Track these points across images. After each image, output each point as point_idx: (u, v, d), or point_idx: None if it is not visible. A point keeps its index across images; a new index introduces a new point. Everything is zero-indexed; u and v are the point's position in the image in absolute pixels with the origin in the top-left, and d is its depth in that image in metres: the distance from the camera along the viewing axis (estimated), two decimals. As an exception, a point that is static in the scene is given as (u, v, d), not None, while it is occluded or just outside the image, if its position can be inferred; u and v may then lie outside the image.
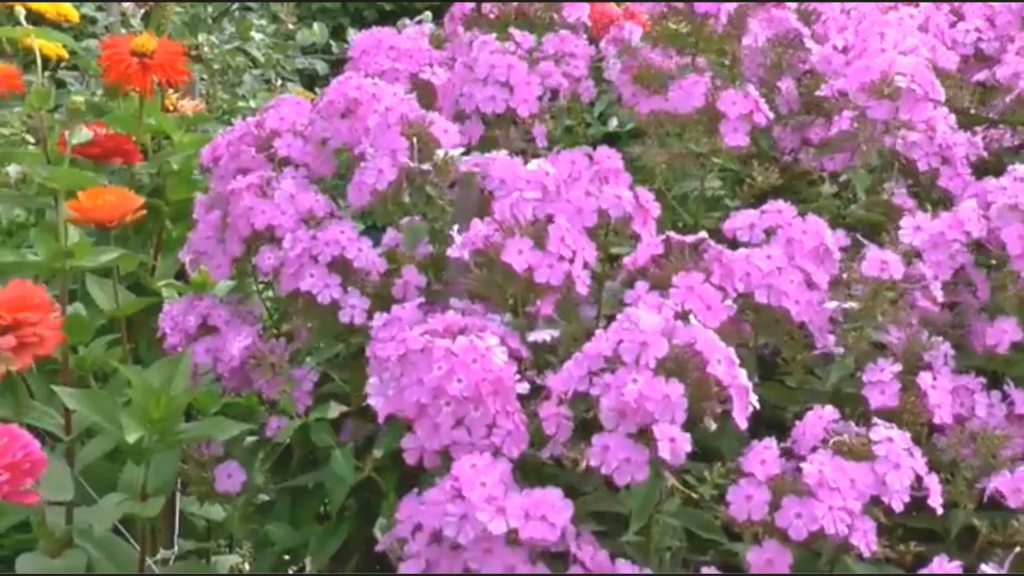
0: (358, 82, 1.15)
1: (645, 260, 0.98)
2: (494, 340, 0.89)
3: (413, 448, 0.90)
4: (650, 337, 0.83)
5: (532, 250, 0.93)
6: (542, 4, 1.39)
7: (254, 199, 1.11)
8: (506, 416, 0.88)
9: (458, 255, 0.96)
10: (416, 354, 0.89)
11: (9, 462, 0.84)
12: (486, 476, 0.84)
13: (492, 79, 1.22)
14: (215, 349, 1.14)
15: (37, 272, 1.30)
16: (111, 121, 1.47)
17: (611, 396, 0.83)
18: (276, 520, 1.11)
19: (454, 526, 0.83)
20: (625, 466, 0.82)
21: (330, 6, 3.58)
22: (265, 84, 2.25)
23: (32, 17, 1.57)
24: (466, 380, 0.87)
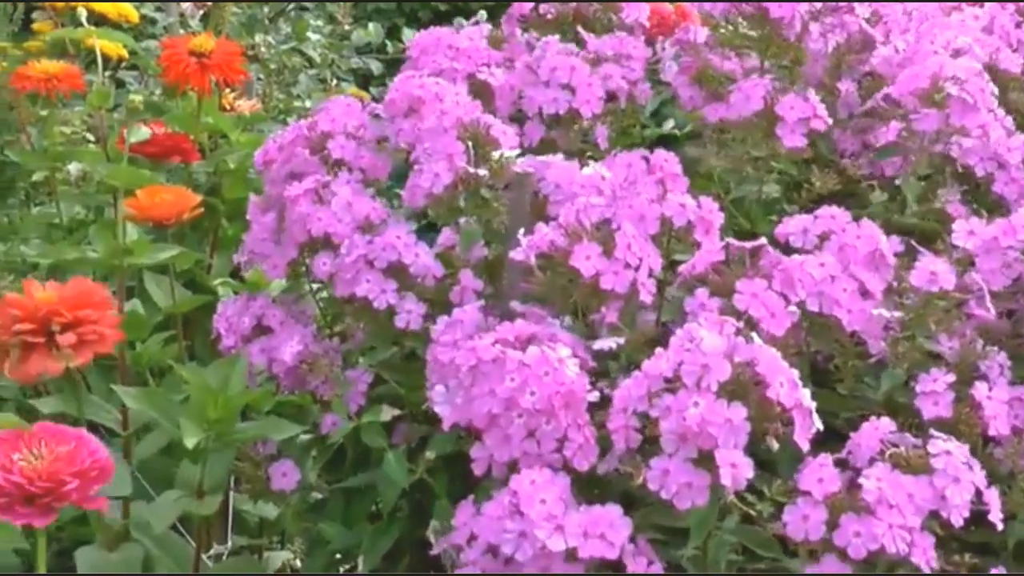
0: (421, 81, 1.15)
1: (704, 267, 0.97)
2: (566, 351, 0.88)
3: (481, 458, 0.90)
4: (712, 360, 0.82)
5: (600, 256, 0.92)
6: (600, 5, 1.39)
7: (310, 206, 1.11)
8: (577, 429, 0.87)
9: (523, 258, 0.95)
10: (488, 364, 0.88)
11: (78, 469, 0.84)
12: (545, 493, 0.83)
13: (555, 81, 1.21)
14: (270, 349, 1.14)
15: (96, 269, 1.32)
16: (169, 120, 1.49)
17: (672, 420, 0.82)
18: (329, 519, 1.12)
19: (512, 543, 0.82)
20: (685, 491, 0.81)
21: (385, 6, 3.59)
22: (320, 84, 2.26)
23: (93, 18, 1.59)
24: (539, 392, 0.86)
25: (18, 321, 1.08)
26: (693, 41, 1.32)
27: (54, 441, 0.86)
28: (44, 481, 0.83)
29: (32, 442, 0.85)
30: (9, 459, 0.83)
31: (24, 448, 0.84)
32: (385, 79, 2.53)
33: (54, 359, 1.08)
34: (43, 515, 0.83)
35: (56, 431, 0.87)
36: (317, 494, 1.18)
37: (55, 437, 0.86)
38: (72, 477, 0.83)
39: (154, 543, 1.20)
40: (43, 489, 0.83)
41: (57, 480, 0.83)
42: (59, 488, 0.83)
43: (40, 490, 0.83)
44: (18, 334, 1.08)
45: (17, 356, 1.09)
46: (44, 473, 0.83)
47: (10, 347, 1.09)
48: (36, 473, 0.83)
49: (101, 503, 0.86)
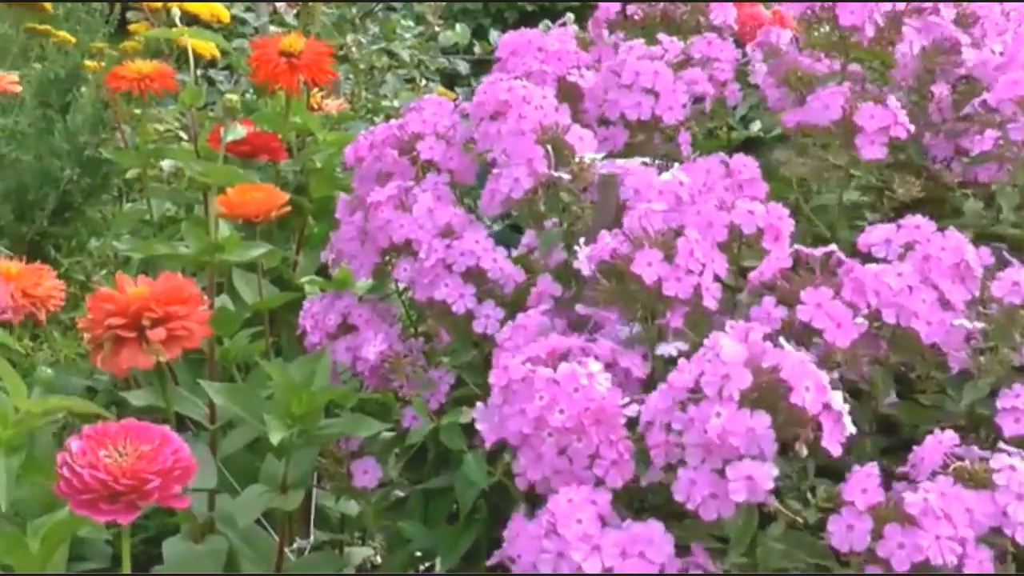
0: (509, 84, 1.15)
1: (771, 274, 0.95)
2: (597, 366, 0.87)
3: (521, 475, 0.89)
4: (732, 369, 0.80)
5: (661, 262, 0.91)
6: (688, 6, 1.38)
7: (392, 212, 1.11)
8: (609, 446, 0.86)
9: (583, 268, 0.95)
10: (518, 383, 0.87)
11: (161, 468, 0.84)
12: (582, 512, 0.82)
13: (638, 85, 1.20)
14: (354, 348, 1.15)
15: (187, 265, 1.34)
16: (259, 119, 1.51)
17: (694, 431, 0.80)
18: (409, 518, 1.12)
19: (549, 563, 0.81)
20: (711, 502, 0.80)
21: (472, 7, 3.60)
22: (408, 84, 2.27)
23: (186, 18, 1.61)
24: (568, 410, 0.85)
25: (111, 315, 1.10)
26: (775, 44, 1.31)
27: (138, 439, 0.86)
28: (128, 479, 0.83)
29: (117, 439, 0.86)
30: (95, 455, 0.84)
31: (110, 445, 0.85)
32: (471, 79, 2.55)
33: (144, 353, 1.10)
34: (126, 512, 0.84)
35: (141, 429, 0.87)
36: (398, 492, 1.19)
37: (140, 435, 0.86)
38: (155, 476, 0.84)
39: (238, 536, 1.22)
40: (126, 487, 0.83)
41: (140, 478, 0.83)
42: (142, 486, 0.84)
43: (124, 488, 0.83)
44: (110, 328, 1.10)
45: (109, 349, 1.11)
46: (128, 471, 0.83)
47: (103, 340, 1.11)
48: (120, 471, 0.83)
49: (183, 502, 0.86)
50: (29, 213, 1.80)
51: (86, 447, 0.84)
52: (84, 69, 1.93)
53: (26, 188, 1.80)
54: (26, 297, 1.14)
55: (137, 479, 0.83)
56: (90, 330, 1.12)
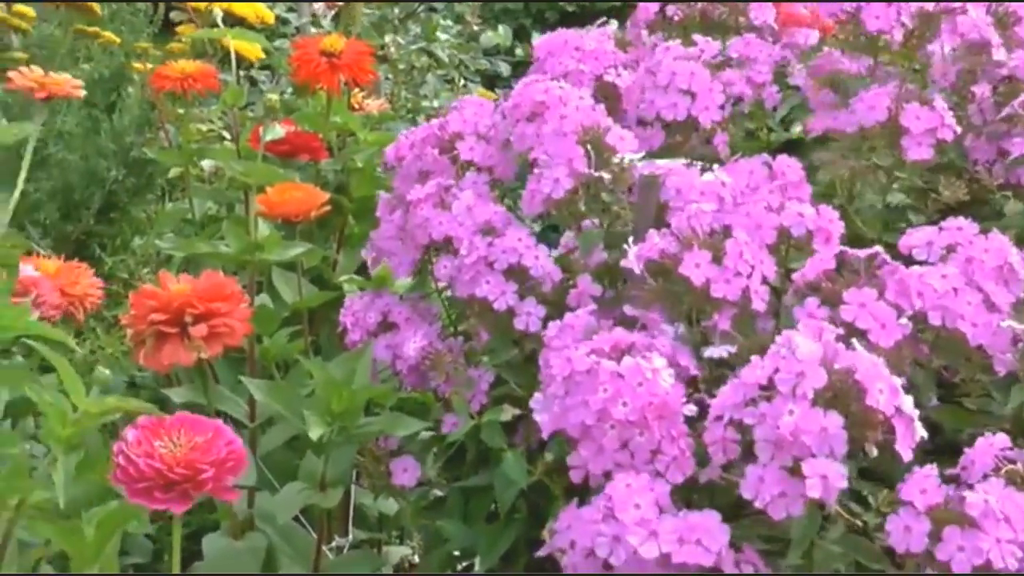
0: (545, 85, 1.15)
1: (815, 275, 0.95)
2: (662, 362, 0.88)
3: (578, 467, 0.90)
4: (807, 367, 0.80)
5: (710, 264, 0.92)
6: (727, 7, 1.37)
7: (432, 210, 1.12)
8: (671, 441, 0.86)
9: (632, 267, 0.95)
10: (582, 375, 0.88)
11: (214, 459, 0.86)
12: (640, 498, 0.83)
13: (674, 86, 1.20)
14: (394, 346, 1.16)
15: (227, 263, 1.35)
16: (300, 119, 1.51)
17: (766, 427, 0.80)
18: (448, 517, 1.13)
19: (605, 546, 0.82)
20: (780, 500, 0.80)
21: (512, 7, 3.61)
22: (448, 85, 2.28)
23: (230, 19, 1.63)
24: (631, 404, 0.86)
25: (153, 311, 1.11)
26: (803, 45, 1.30)
27: (192, 431, 0.87)
28: (182, 468, 0.84)
29: (172, 431, 0.87)
30: (151, 445, 0.85)
31: (164, 436, 0.86)
32: (512, 80, 2.55)
33: (186, 349, 1.11)
34: (180, 501, 0.85)
35: (194, 421, 0.89)
36: (437, 491, 1.19)
37: (193, 427, 0.88)
38: (209, 466, 0.85)
39: (277, 533, 1.23)
40: (181, 476, 0.85)
41: (194, 468, 0.85)
42: (196, 476, 0.85)
43: (178, 477, 0.84)
44: (153, 324, 1.11)
45: (152, 345, 1.12)
46: (183, 461, 0.85)
47: (146, 336, 1.13)
48: (175, 460, 0.85)
49: (234, 494, 0.88)
50: (75, 212, 1.82)
51: (142, 437, 0.86)
52: (129, 69, 1.95)
53: (72, 188, 1.82)
54: (64, 295, 1.15)
55: (191, 469, 0.85)
56: (133, 326, 1.13)
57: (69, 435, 0.88)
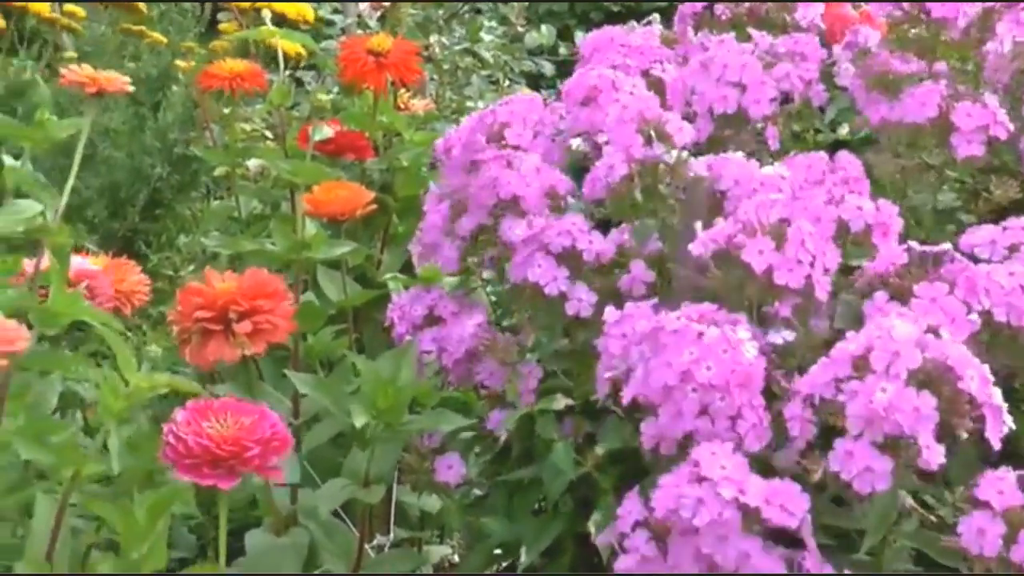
0: (599, 71, 1.16)
1: (886, 269, 0.95)
2: (746, 334, 0.88)
3: (651, 435, 0.90)
4: (903, 347, 0.81)
5: (773, 251, 0.91)
6: (774, 5, 1.37)
7: (501, 169, 1.11)
8: (751, 410, 0.87)
9: (701, 251, 0.95)
10: (669, 335, 0.88)
11: (260, 437, 0.89)
12: (726, 460, 0.83)
13: (725, 78, 1.20)
14: (441, 339, 1.15)
15: (273, 262, 1.35)
16: (346, 118, 1.52)
17: (858, 402, 0.81)
18: (492, 513, 1.13)
19: (689, 508, 0.82)
20: (867, 475, 0.80)
21: (557, 8, 3.61)
22: (492, 85, 2.28)
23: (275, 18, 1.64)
24: (716, 368, 0.86)
25: (199, 308, 1.12)
26: (863, 44, 1.29)
27: (238, 414, 0.91)
28: (229, 445, 0.88)
29: (219, 413, 0.91)
30: (199, 425, 0.89)
31: (212, 417, 0.90)
32: (556, 81, 2.55)
33: (230, 346, 1.12)
34: (227, 477, 0.88)
35: (240, 405, 0.92)
36: (478, 490, 1.19)
37: (240, 410, 0.92)
38: (255, 444, 0.88)
39: (320, 530, 1.23)
40: (228, 453, 0.88)
41: (241, 446, 0.88)
42: (242, 453, 0.88)
43: (225, 453, 0.88)
44: (198, 321, 1.12)
45: (197, 342, 1.13)
46: (230, 438, 0.88)
47: (191, 333, 1.14)
48: (223, 438, 0.88)
49: (279, 474, 0.91)
50: (121, 210, 1.84)
51: (191, 418, 0.90)
52: (175, 68, 1.97)
53: (119, 185, 1.84)
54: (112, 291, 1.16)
55: (238, 446, 0.88)
56: (179, 323, 1.14)
57: (121, 408, 0.91)
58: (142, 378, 0.91)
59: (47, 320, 0.95)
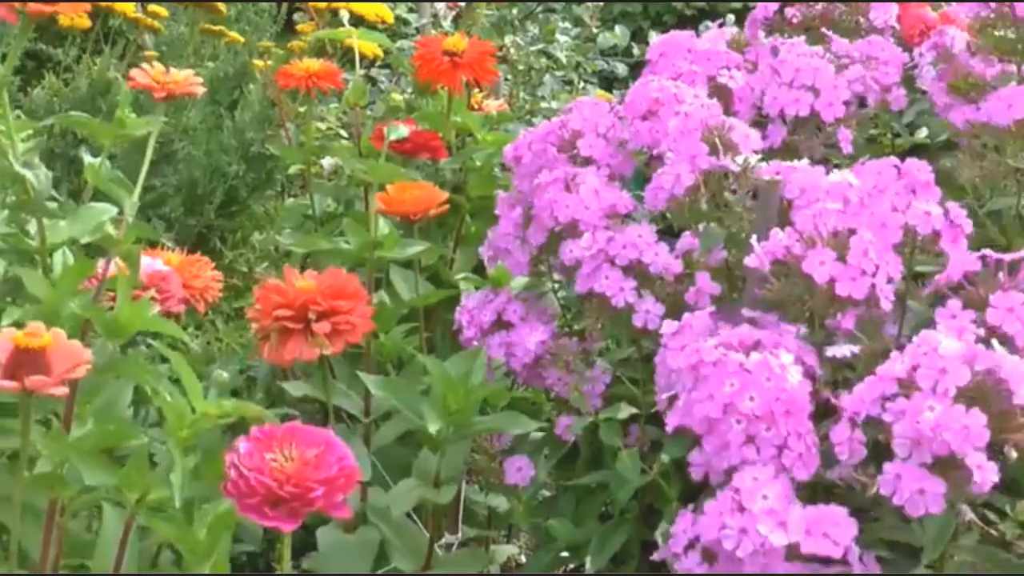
0: (659, 84, 1.15)
1: (958, 277, 0.93)
2: (789, 358, 0.87)
3: (699, 464, 0.89)
4: (950, 363, 0.79)
5: (834, 262, 0.90)
6: (847, 7, 1.35)
7: (559, 192, 1.11)
8: (798, 438, 0.85)
9: (756, 264, 0.94)
10: (708, 367, 0.87)
11: (325, 476, 0.83)
12: (768, 489, 0.82)
13: (798, 82, 1.19)
14: (509, 344, 1.16)
15: (347, 260, 1.36)
16: (421, 118, 1.52)
17: (905, 423, 0.79)
18: (559, 516, 1.13)
19: (733, 538, 0.81)
20: (918, 497, 0.78)
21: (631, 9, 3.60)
22: (566, 86, 2.28)
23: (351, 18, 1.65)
24: (759, 398, 0.85)
25: (278, 307, 1.13)
26: (948, 46, 1.27)
27: (303, 443, 0.85)
28: (292, 486, 0.82)
29: (283, 442, 0.85)
30: (262, 458, 0.84)
31: (276, 448, 0.85)
32: (629, 81, 2.54)
33: (309, 346, 1.12)
34: (289, 519, 0.83)
35: (305, 433, 0.86)
36: (546, 492, 1.19)
37: (305, 439, 0.86)
38: (319, 484, 0.83)
39: (390, 529, 1.24)
40: (291, 494, 0.82)
41: (305, 486, 0.83)
42: (306, 495, 0.82)
43: (288, 495, 0.82)
44: (278, 319, 1.13)
45: (276, 340, 1.14)
46: (293, 478, 0.83)
47: (270, 331, 1.14)
48: (286, 477, 0.83)
49: (346, 511, 0.85)
50: (198, 207, 1.87)
51: (253, 449, 0.84)
52: (252, 68, 1.99)
53: (196, 183, 1.86)
54: (186, 288, 1.17)
55: (302, 487, 0.82)
56: (258, 321, 1.15)
57: (187, 436, 0.89)
58: (209, 406, 0.89)
59: (114, 330, 0.95)
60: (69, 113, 1.12)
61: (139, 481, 0.89)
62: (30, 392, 0.82)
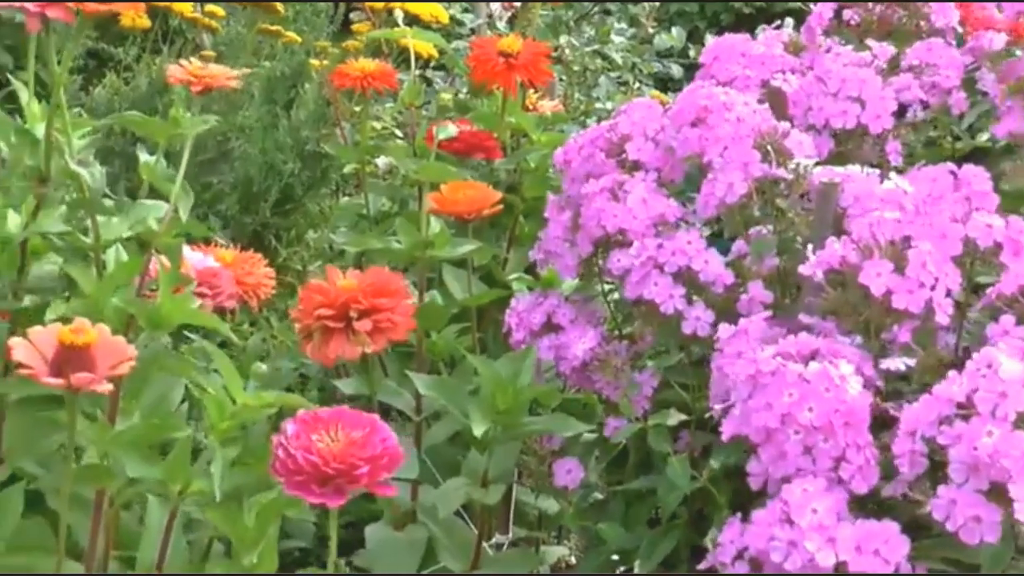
0: (708, 91, 1.14)
1: (1012, 291, 0.91)
2: (849, 368, 0.85)
3: (758, 474, 0.88)
4: (1010, 387, 0.77)
5: (891, 273, 0.89)
6: (907, 9, 1.33)
7: (606, 202, 1.11)
8: (857, 450, 0.84)
9: (810, 273, 0.93)
10: (766, 376, 0.86)
11: (370, 455, 0.86)
12: (818, 503, 0.81)
13: (844, 93, 1.17)
14: (558, 347, 1.16)
15: (399, 260, 1.37)
16: (475, 118, 1.53)
17: (962, 448, 0.77)
18: (609, 519, 1.12)
19: (781, 551, 0.80)
20: (974, 525, 0.76)
21: (687, 9, 3.58)
22: (621, 87, 2.27)
23: (406, 18, 1.65)
24: (818, 409, 0.84)
25: (320, 306, 1.14)
26: (988, 48, 1.25)
27: (349, 426, 0.88)
28: (338, 463, 0.85)
29: (329, 425, 0.87)
30: (308, 439, 0.86)
31: (322, 430, 0.87)
32: (684, 83, 2.53)
33: (351, 344, 1.13)
34: (335, 496, 0.85)
35: (351, 416, 0.89)
36: (597, 494, 1.19)
37: (350, 422, 0.88)
38: (364, 462, 0.85)
39: (438, 527, 1.24)
40: (336, 471, 0.85)
41: (350, 463, 0.85)
42: (351, 471, 0.85)
43: (334, 472, 0.85)
44: (320, 319, 1.14)
45: (319, 339, 1.15)
46: (338, 456, 0.85)
47: (313, 330, 1.15)
48: (331, 455, 0.85)
49: (390, 489, 0.87)
50: (253, 204, 1.88)
51: (300, 431, 0.87)
52: (308, 67, 2.00)
53: (251, 181, 1.88)
54: (239, 284, 1.18)
55: (347, 464, 0.85)
56: (301, 320, 1.16)
57: (227, 428, 0.91)
58: (250, 397, 0.91)
59: (155, 323, 0.96)
60: (126, 112, 1.13)
61: (181, 473, 0.91)
62: (76, 390, 0.83)
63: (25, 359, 0.83)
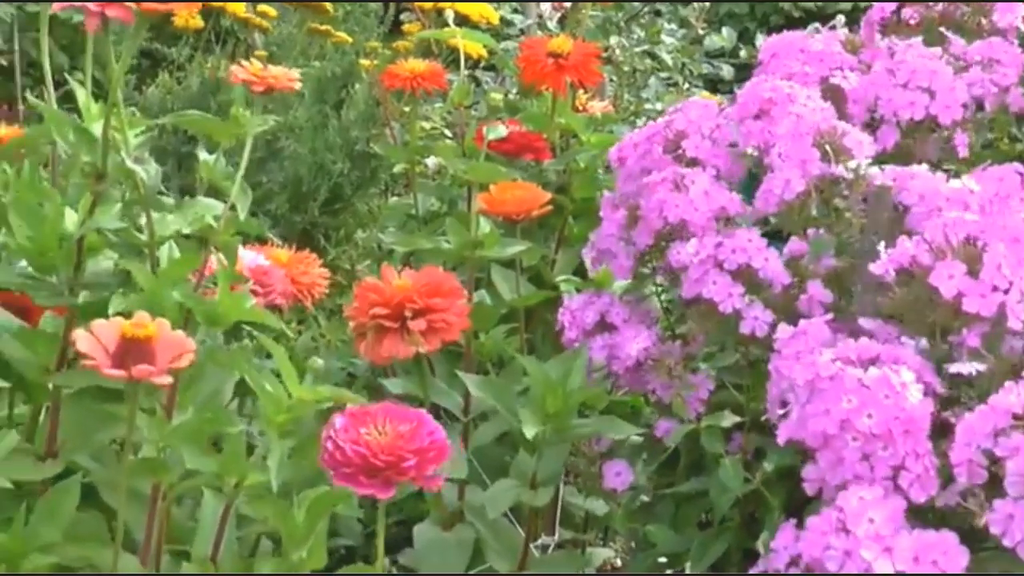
0: (773, 84, 1.13)
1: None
2: (910, 375, 0.84)
3: (813, 479, 0.87)
4: None
5: (964, 276, 0.87)
6: (969, 8, 1.31)
7: (668, 193, 1.10)
8: (916, 459, 0.83)
9: (881, 272, 0.91)
10: (825, 381, 0.85)
11: (417, 447, 0.87)
12: (874, 512, 0.79)
13: (913, 84, 1.16)
14: (611, 346, 1.15)
15: (447, 259, 1.37)
16: (524, 119, 1.52)
17: (1019, 460, 0.76)
18: (658, 522, 1.12)
19: (836, 560, 0.79)
20: None
21: (737, 10, 3.56)
22: (671, 88, 2.26)
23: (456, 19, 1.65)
24: (877, 416, 0.83)
25: (375, 305, 1.14)
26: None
27: (397, 420, 0.89)
28: (386, 455, 0.86)
29: (377, 419, 0.89)
30: (357, 432, 0.88)
31: (370, 424, 0.89)
32: (734, 84, 2.52)
33: (405, 343, 1.13)
34: (384, 488, 0.87)
35: (398, 411, 0.90)
36: (644, 497, 1.18)
37: (398, 416, 0.90)
38: (411, 454, 0.87)
39: (486, 528, 1.24)
40: (384, 463, 0.86)
41: (398, 455, 0.86)
42: (399, 463, 0.86)
43: (382, 463, 0.86)
44: (374, 317, 1.14)
45: (372, 338, 1.15)
46: (386, 448, 0.87)
47: (367, 329, 1.15)
48: (379, 447, 0.87)
49: (437, 482, 0.89)
50: (303, 204, 1.89)
51: (348, 424, 0.88)
52: (359, 67, 2.01)
53: (301, 180, 1.89)
54: (294, 284, 1.19)
55: (395, 456, 0.86)
56: (355, 318, 1.16)
57: (283, 421, 0.92)
58: (305, 391, 0.92)
59: (213, 320, 0.97)
60: (184, 112, 1.14)
61: (237, 466, 0.92)
62: (137, 381, 0.85)
63: (88, 351, 0.85)
